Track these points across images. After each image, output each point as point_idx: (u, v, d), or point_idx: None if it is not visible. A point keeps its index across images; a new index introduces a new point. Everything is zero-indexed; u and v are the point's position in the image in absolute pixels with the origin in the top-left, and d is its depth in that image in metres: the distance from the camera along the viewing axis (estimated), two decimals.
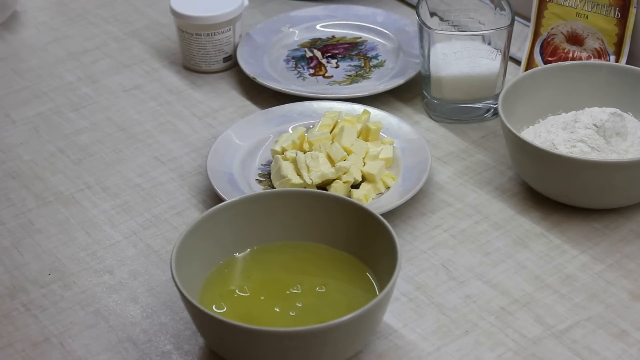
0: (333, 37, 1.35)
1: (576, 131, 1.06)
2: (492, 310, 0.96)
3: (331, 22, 1.36)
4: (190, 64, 1.31)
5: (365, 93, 1.21)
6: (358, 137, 1.13)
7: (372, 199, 1.07)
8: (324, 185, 1.08)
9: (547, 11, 1.21)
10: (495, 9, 1.19)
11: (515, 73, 1.25)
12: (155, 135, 1.20)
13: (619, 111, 1.08)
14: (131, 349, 0.94)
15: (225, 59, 1.30)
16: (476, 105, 1.19)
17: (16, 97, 1.27)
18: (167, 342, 0.94)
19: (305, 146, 1.12)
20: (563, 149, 1.06)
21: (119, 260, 1.03)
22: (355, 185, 1.08)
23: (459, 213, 1.07)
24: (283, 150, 1.11)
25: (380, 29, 1.34)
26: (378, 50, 1.32)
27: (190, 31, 1.28)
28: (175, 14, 1.28)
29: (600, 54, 1.19)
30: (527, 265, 1.01)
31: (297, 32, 1.35)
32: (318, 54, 1.31)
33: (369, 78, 1.26)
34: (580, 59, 1.20)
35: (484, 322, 0.95)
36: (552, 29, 1.22)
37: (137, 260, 1.03)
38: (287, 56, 1.31)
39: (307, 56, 1.31)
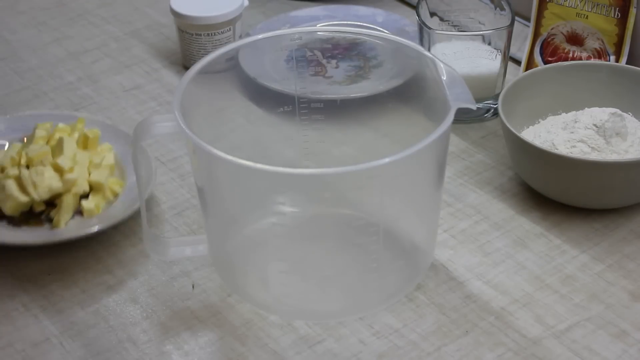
0: (333, 37, 1.35)
1: (576, 131, 1.06)
2: (492, 310, 0.96)
3: (331, 22, 1.36)
4: (190, 64, 1.31)
5: (365, 93, 1.21)
6: (77, 147, 1.09)
7: (103, 209, 1.05)
8: (53, 199, 1.04)
9: (547, 11, 1.21)
10: (495, 9, 1.19)
11: (515, 73, 1.25)
12: None
13: (619, 111, 1.08)
14: (131, 349, 0.94)
15: (226, 59, 1.30)
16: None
17: (16, 97, 1.27)
18: (167, 342, 0.94)
19: (24, 162, 1.06)
20: (563, 149, 1.06)
21: (119, 260, 1.03)
22: (84, 196, 1.05)
23: (459, 213, 1.07)
24: (3, 169, 1.06)
25: (380, 29, 1.34)
26: (377, 51, 1.31)
27: (190, 31, 1.28)
28: (175, 14, 1.28)
29: (600, 54, 1.19)
30: (527, 266, 1.01)
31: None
32: (318, 54, 1.31)
33: (368, 78, 1.26)
34: (580, 59, 1.20)
35: (484, 322, 0.95)
36: (552, 29, 1.22)
37: (137, 260, 1.03)
38: (287, 56, 1.31)
39: (307, 56, 1.31)
